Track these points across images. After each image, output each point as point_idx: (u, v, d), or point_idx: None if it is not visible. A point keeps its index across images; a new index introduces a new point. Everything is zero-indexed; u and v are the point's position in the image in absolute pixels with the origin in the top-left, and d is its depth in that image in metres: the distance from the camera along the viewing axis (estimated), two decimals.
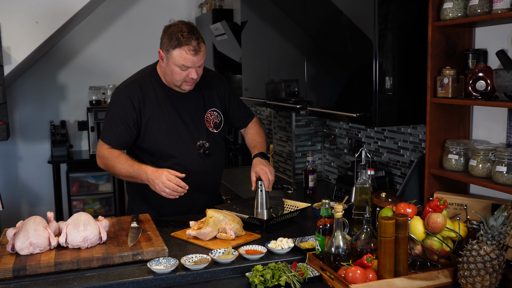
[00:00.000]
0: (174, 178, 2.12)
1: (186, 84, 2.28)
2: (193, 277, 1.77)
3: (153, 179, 2.13)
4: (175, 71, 2.23)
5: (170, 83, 2.32)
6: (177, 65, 2.21)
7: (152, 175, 2.14)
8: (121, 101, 2.30)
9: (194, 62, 2.21)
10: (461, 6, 1.89)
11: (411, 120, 2.22)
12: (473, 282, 1.58)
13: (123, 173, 2.23)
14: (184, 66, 2.20)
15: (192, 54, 2.18)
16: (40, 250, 1.84)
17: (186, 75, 2.24)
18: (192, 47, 2.17)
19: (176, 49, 2.18)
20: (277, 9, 3.01)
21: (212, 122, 2.42)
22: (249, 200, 2.52)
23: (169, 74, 2.27)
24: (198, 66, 2.24)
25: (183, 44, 2.17)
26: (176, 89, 2.33)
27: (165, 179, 2.10)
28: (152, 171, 2.15)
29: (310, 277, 1.72)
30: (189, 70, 2.22)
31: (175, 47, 2.18)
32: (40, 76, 4.78)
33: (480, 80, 1.85)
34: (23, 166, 4.84)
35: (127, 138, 2.30)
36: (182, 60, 2.19)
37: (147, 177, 2.15)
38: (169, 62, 2.23)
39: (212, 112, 2.43)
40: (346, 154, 3.11)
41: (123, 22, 4.96)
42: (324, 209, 1.83)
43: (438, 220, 1.66)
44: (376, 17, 2.06)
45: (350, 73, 2.30)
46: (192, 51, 2.17)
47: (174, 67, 2.22)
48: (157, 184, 2.11)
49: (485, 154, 1.86)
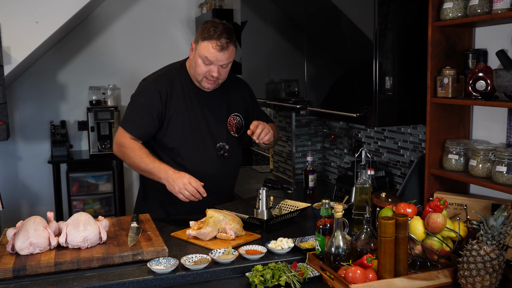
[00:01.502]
0: (195, 182, 2.13)
1: (206, 81, 2.29)
2: (193, 277, 1.77)
3: (173, 179, 2.13)
4: (198, 63, 2.24)
5: (193, 76, 2.32)
6: (201, 56, 2.23)
7: (174, 175, 2.14)
8: (149, 91, 2.31)
9: (218, 58, 2.21)
10: (461, 6, 1.89)
11: (411, 120, 2.23)
12: (473, 282, 1.58)
13: (142, 167, 2.22)
14: (207, 59, 2.21)
15: (218, 49, 2.19)
16: (40, 250, 1.84)
17: (207, 71, 2.25)
18: (220, 43, 2.19)
19: (205, 41, 2.21)
20: (277, 9, 3.01)
21: (234, 126, 2.44)
22: (249, 200, 2.52)
23: (194, 66, 2.28)
24: (221, 65, 2.24)
25: (212, 38, 2.19)
26: (199, 86, 2.33)
27: (187, 182, 2.11)
28: (173, 172, 2.16)
29: (310, 277, 1.72)
30: (211, 67, 2.24)
31: (204, 39, 2.21)
32: (40, 76, 4.78)
33: (480, 80, 1.85)
34: (23, 166, 4.84)
35: (149, 129, 2.30)
36: (206, 52, 2.20)
37: (167, 176, 2.15)
38: (196, 53, 2.25)
39: (235, 116, 2.45)
40: (346, 154, 3.11)
41: (123, 22, 4.96)
42: (324, 209, 1.83)
43: (438, 220, 1.66)
44: (376, 17, 2.06)
45: (350, 73, 2.30)
46: (218, 46, 2.19)
47: (198, 59, 2.24)
48: (178, 184, 2.11)
49: (485, 154, 1.87)
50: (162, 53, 5.03)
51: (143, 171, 2.24)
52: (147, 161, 2.21)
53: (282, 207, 2.47)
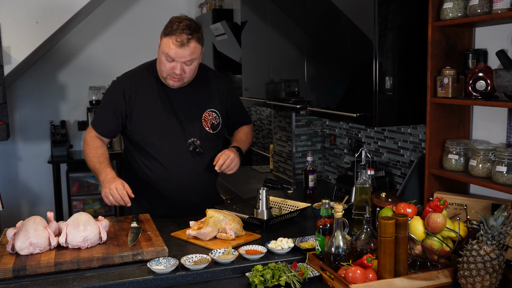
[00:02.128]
0: (122, 189, 2.11)
1: (171, 78, 2.24)
2: (193, 277, 1.77)
3: (104, 183, 2.16)
4: (162, 60, 2.23)
5: (159, 73, 2.30)
6: (163, 53, 2.20)
7: (106, 179, 2.16)
8: (113, 90, 2.38)
9: (178, 55, 2.16)
10: (461, 6, 1.89)
11: (411, 120, 2.22)
12: (473, 282, 1.58)
13: (91, 166, 2.30)
14: (168, 56, 2.17)
15: (177, 45, 2.14)
16: (40, 250, 1.84)
17: (170, 68, 2.21)
18: (180, 39, 2.14)
19: (166, 37, 2.19)
20: (277, 9, 3.01)
21: (209, 123, 2.40)
22: (249, 200, 2.52)
23: (158, 63, 2.28)
24: (183, 61, 2.18)
25: (172, 34, 2.16)
26: (166, 83, 2.30)
27: (113, 187, 2.11)
28: (112, 177, 2.17)
29: (310, 277, 1.72)
30: (174, 64, 2.19)
31: (166, 35, 2.19)
32: (40, 76, 4.78)
33: (480, 80, 1.85)
34: (23, 166, 4.84)
35: (112, 127, 2.36)
36: (167, 48, 2.17)
37: (103, 179, 2.18)
38: (160, 48, 2.24)
39: (210, 112, 2.40)
40: (346, 154, 3.11)
41: (123, 22, 4.96)
42: (324, 209, 1.83)
43: (438, 220, 1.66)
44: (376, 17, 2.06)
45: (350, 73, 2.30)
46: (178, 42, 2.14)
47: (161, 55, 2.23)
48: (105, 188, 2.13)
49: (485, 154, 1.86)
50: None
51: (92, 170, 2.30)
52: (95, 161, 2.27)
53: (282, 207, 2.47)
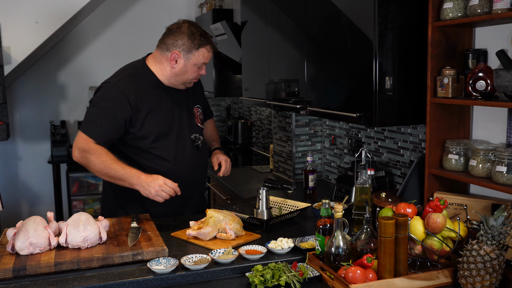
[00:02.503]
0: (170, 182, 2.09)
1: (194, 81, 2.38)
2: (193, 277, 1.77)
3: (148, 184, 2.07)
4: (193, 70, 2.30)
5: (175, 82, 2.33)
6: (197, 64, 2.28)
7: (147, 179, 2.08)
8: (114, 96, 2.21)
9: (209, 59, 2.33)
10: (461, 6, 1.89)
11: (411, 120, 2.22)
12: (473, 282, 1.58)
13: (111, 174, 2.12)
14: (204, 63, 2.31)
15: (212, 51, 2.32)
16: (40, 250, 1.84)
17: (198, 73, 2.34)
18: (212, 46, 2.31)
19: (201, 49, 2.27)
20: (277, 9, 3.01)
21: (199, 118, 2.49)
22: (249, 200, 2.52)
23: (182, 74, 2.30)
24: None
25: (207, 43, 2.28)
26: (181, 87, 2.36)
27: (162, 183, 2.07)
28: (145, 176, 2.10)
29: (310, 277, 1.72)
30: (202, 67, 2.33)
31: (200, 46, 2.26)
32: (40, 76, 4.78)
33: (480, 80, 1.85)
34: (23, 166, 4.84)
35: (113, 135, 2.22)
36: (205, 58, 2.29)
37: (140, 181, 2.08)
38: (189, 62, 2.27)
39: (197, 108, 2.50)
40: (346, 154, 3.11)
41: (123, 22, 4.97)
42: (324, 209, 1.83)
43: (438, 220, 1.66)
44: (376, 17, 2.06)
45: (350, 73, 2.30)
46: (213, 49, 2.32)
47: (192, 67, 2.28)
48: (153, 188, 2.06)
49: (485, 154, 1.87)
50: None
51: (113, 177, 2.13)
52: (116, 168, 2.11)
53: (282, 207, 2.47)
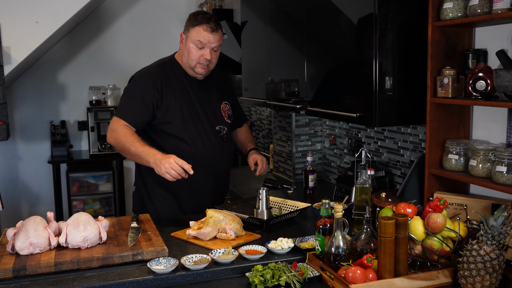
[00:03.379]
0: (181, 161, 2.15)
1: (200, 66, 2.39)
2: (193, 277, 1.77)
3: (160, 161, 2.15)
4: (191, 49, 2.36)
5: (186, 65, 2.42)
6: (193, 41, 2.35)
7: (161, 157, 2.17)
8: (144, 81, 2.38)
9: (210, 40, 2.34)
10: (461, 6, 1.89)
11: (411, 120, 2.22)
12: (473, 282, 1.58)
13: (132, 151, 2.25)
14: (200, 42, 2.34)
15: (209, 31, 2.33)
16: (40, 250, 1.84)
17: (200, 55, 2.36)
18: (210, 26, 2.34)
19: (195, 27, 2.34)
20: (277, 9, 3.01)
21: (226, 113, 2.57)
22: (249, 200, 2.52)
23: (186, 55, 2.39)
24: (213, 47, 2.37)
25: (202, 23, 2.34)
26: (192, 73, 2.44)
27: (172, 161, 2.13)
28: (161, 155, 2.19)
29: (310, 277, 1.72)
30: (204, 50, 2.36)
31: (194, 25, 2.35)
32: (40, 76, 4.78)
33: (480, 80, 1.85)
34: (23, 166, 4.84)
35: (144, 117, 2.35)
36: (199, 35, 2.33)
37: (155, 159, 2.17)
38: (187, 41, 2.37)
39: (225, 104, 2.58)
40: (346, 154, 3.11)
41: (123, 22, 4.96)
42: (324, 209, 1.83)
43: (438, 220, 1.66)
44: (376, 17, 2.06)
45: (350, 73, 2.30)
46: (209, 28, 2.33)
47: (190, 45, 2.36)
48: (164, 165, 2.13)
49: (485, 154, 1.86)
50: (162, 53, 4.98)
51: (133, 155, 2.26)
52: (137, 145, 2.24)
53: (282, 207, 2.47)
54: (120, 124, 2.32)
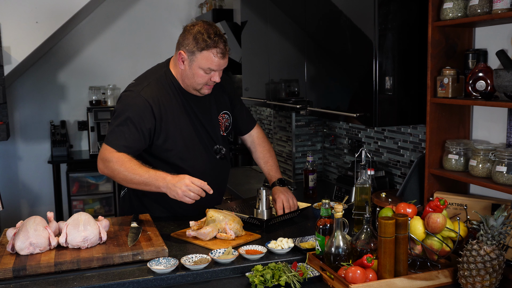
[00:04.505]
0: (198, 181, 1.99)
1: (206, 87, 2.20)
2: (193, 277, 1.77)
3: (174, 184, 1.98)
4: (199, 74, 2.14)
5: (188, 87, 2.21)
6: (202, 68, 2.13)
7: (173, 180, 1.99)
8: (138, 106, 2.14)
9: (220, 65, 2.14)
10: (461, 6, 1.89)
11: (411, 120, 2.23)
12: (473, 282, 1.58)
13: (136, 180, 2.04)
14: (210, 69, 2.13)
15: (220, 57, 2.12)
16: (40, 250, 1.84)
17: (208, 79, 2.16)
18: (220, 50, 2.11)
19: (204, 51, 2.10)
20: (277, 9, 3.01)
21: (223, 125, 2.38)
22: (249, 200, 2.52)
23: (190, 77, 2.17)
24: (221, 69, 2.18)
25: (211, 47, 2.09)
26: (194, 93, 2.23)
27: (189, 182, 1.97)
28: (171, 177, 2.01)
29: (310, 277, 1.72)
30: (213, 73, 2.15)
31: (202, 49, 2.10)
32: (40, 76, 4.78)
33: (480, 80, 1.85)
34: (23, 166, 4.84)
35: (139, 146, 2.15)
36: (209, 63, 2.11)
37: (166, 183, 1.99)
38: (193, 64, 2.13)
39: (223, 114, 2.38)
40: (346, 154, 3.11)
41: (123, 22, 4.97)
42: (324, 209, 1.83)
43: (438, 220, 1.66)
44: (376, 17, 2.06)
45: (350, 73, 2.30)
46: (220, 54, 2.11)
47: (198, 70, 2.14)
48: (180, 188, 1.97)
49: (485, 154, 1.87)
50: (162, 53, 5.00)
51: (138, 183, 2.05)
52: (141, 172, 2.03)
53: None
54: (113, 153, 2.08)
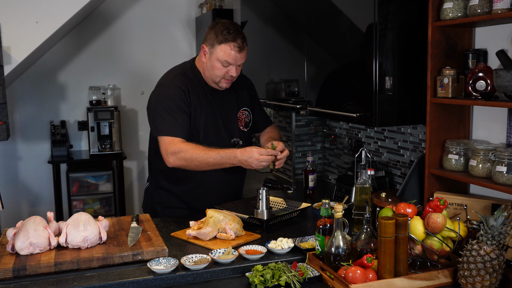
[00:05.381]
0: (265, 150, 2.19)
1: (224, 81, 2.33)
2: (193, 277, 1.77)
3: (246, 160, 2.18)
4: (216, 67, 2.28)
5: (208, 79, 2.36)
6: (219, 60, 2.26)
7: (243, 156, 2.18)
8: (175, 93, 2.30)
9: (237, 59, 2.27)
10: (461, 6, 1.89)
11: (411, 120, 2.23)
12: (473, 282, 1.58)
13: (210, 162, 2.21)
14: (227, 62, 2.26)
15: (237, 50, 2.25)
16: (40, 250, 1.84)
17: (226, 72, 2.29)
18: (238, 44, 2.25)
19: (222, 44, 2.25)
20: (277, 9, 3.01)
21: (243, 121, 2.49)
22: (249, 200, 2.52)
23: (210, 69, 2.31)
24: (238, 64, 2.30)
25: (229, 40, 2.24)
26: (213, 86, 2.37)
27: (258, 156, 2.17)
28: (241, 153, 2.19)
29: (310, 277, 1.72)
30: (230, 67, 2.29)
31: (220, 42, 2.25)
32: (40, 76, 4.77)
33: (480, 80, 1.85)
34: (23, 166, 4.84)
35: (188, 127, 2.31)
36: (226, 55, 2.25)
37: (238, 159, 2.19)
38: (212, 57, 2.28)
39: (243, 111, 2.50)
40: (346, 154, 3.11)
41: (123, 22, 4.96)
42: (324, 209, 1.83)
43: (438, 220, 1.66)
44: (376, 17, 2.06)
45: (350, 73, 2.30)
46: (237, 47, 2.25)
47: (216, 62, 2.28)
48: (252, 162, 2.17)
49: (485, 154, 1.87)
50: (162, 53, 5.03)
51: (211, 165, 2.22)
52: (213, 155, 2.20)
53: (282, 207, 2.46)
54: (176, 143, 2.23)
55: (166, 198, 2.50)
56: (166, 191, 2.50)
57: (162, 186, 2.51)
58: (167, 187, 2.49)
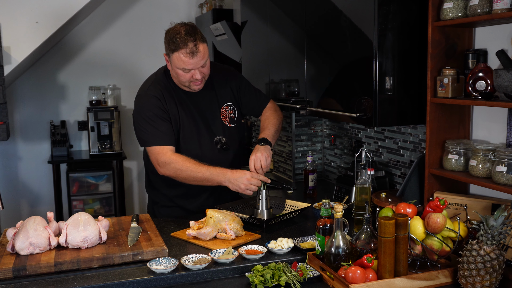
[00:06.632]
0: (256, 174, 2.22)
1: (194, 84, 2.32)
2: (193, 277, 1.77)
3: (236, 179, 2.19)
4: (180, 74, 2.27)
5: (179, 84, 2.36)
6: (178, 68, 2.25)
7: (233, 175, 2.20)
8: (152, 102, 2.32)
9: (194, 64, 2.23)
10: (461, 6, 1.89)
11: (411, 120, 2.23)
12: (473, 282, 1.58)
13: (199, 177, 2.22)
14: (185, 69, 2.24)
15: (189, 56, 2.20)
16: (40, 250, 1.84)
17: (190, 76, 2.27)
18: (189, 50, 2.19)
19: (175, 53, 2.22)
20: (277, 9, 3.01)
21: (227, 117, 2.48)
22: (249, 200, 2.52)
23: (175, 77, 2.32)
24: (200, 66, 2.26)
25: (180, 48, 2.19)
26: (187, 89, 2.37)
27: (249, 177, 2.19)
28: (231, 173, 2.21)
29: (310, 277, 1.72)
30: (192, 72, 2.26)
31: (173, 51, 2.23)
32: (40, 76, 4.77)
33: (480, 80, 1.85)
34: (23, 166, 4.84)
35: (173, 134, 2.32)
36: (182, 63, 2.22)
37: (227, 179, 2.20)
38: (172, 65, 2.28)
39: (226, 107, 2.49)
40: (346, 154, 3.11)
41: (123, 22, 4.96)
42: (324, 209, 1.83)
43: (438, 220, 1.66)
44: (376, 17, 2.06)
45: (350, 73, 2.30)
46: (188, 53, 2.20)
47: (177, 70, 2.27)
48: (242, 183, 2.18)
49: (485, 154, 1.87)
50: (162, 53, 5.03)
51: (200, 180, 2.24)
52: (202, 170, 2.22)
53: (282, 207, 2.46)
54: (166, 153, 2.26)
55: (162, 199, 2.53)
56: (159, 192, 2.53)
57: (155, 187, 2.54)
58: (160, 189, 2.52)
